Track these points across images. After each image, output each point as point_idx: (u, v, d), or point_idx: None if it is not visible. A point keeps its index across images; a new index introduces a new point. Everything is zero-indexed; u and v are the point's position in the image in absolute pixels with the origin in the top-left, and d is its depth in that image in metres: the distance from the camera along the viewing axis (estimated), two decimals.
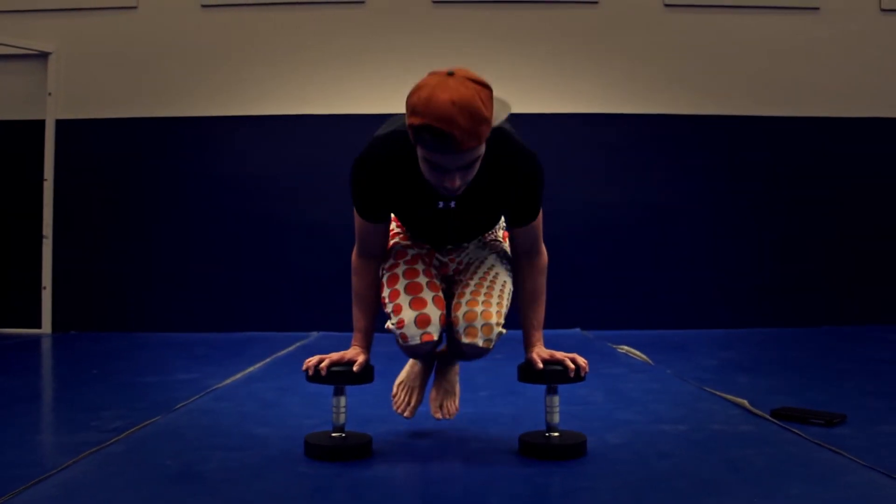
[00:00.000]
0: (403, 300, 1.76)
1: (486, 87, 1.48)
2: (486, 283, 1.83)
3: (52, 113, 4.75)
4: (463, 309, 1.77)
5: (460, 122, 1.41)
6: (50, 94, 4.74)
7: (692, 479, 1.61)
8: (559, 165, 4.79)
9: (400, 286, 1.78)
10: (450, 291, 1.90)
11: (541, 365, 1.77)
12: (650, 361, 3.32)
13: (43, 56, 4.76)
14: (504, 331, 1.79)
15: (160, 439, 1.99)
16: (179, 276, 4.74)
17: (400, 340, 1.76)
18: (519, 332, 1.86)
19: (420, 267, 1.83)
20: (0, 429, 2.12)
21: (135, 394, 2.65)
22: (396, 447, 1.89)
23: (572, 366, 1.76)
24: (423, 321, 1.72)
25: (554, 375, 1.78)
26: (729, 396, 2.43)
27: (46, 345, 4.25)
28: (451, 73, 1.46)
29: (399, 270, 1.81)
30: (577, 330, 4.56)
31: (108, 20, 4.81)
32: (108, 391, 2.74)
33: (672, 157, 4.81)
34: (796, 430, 1.98)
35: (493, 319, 1.75)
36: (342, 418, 1.84)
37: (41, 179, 4.73)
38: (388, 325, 1.79)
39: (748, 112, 4.79)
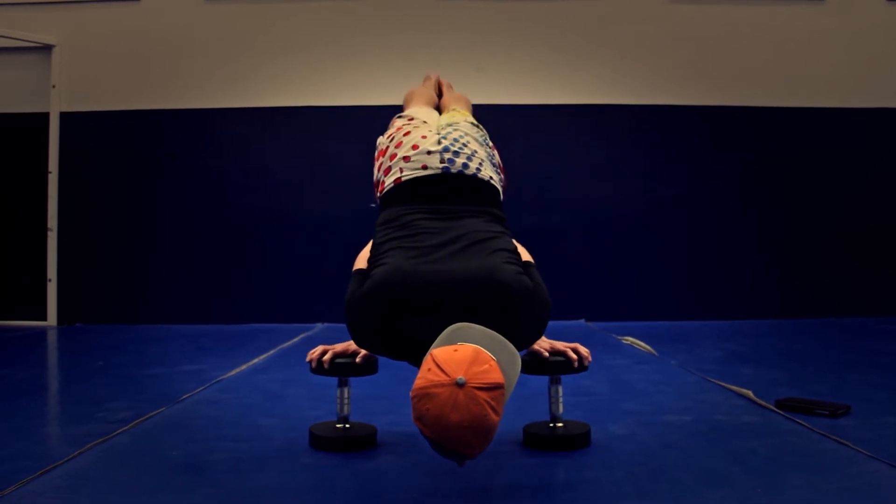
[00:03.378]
0: None
1: (497, 386, 1.34)
2: None
3: (56, 105, 4.75)
4: None
5: (472, 441, 1.34)
6: (54, 86, 4.74)
7: (696, 469, 1.61)
8: (562, 157, 4.79)
9: None
10: None
11: (546, 354, 1.77)
12: (654, 352, 3.32)
13: (47, 49, 4.75)
14: None
15: (165, 430, 1.99)
16: (184, 268, 4.74)
17: None
18: None
19: None
20: (7, 420, 2.13)
21: (140, 385, 2.66)
22: (401, 438, 1.89)
23: (574, 356, 1.77)
24: None
25: (557, 367, 1.78)
26: (733, 387, 2.43)
27: (52, 337, 4.27)
28: (461, 385, 1.31)
29: None
30: (582, 321, 4.56)
31: (112, 12, 4.80)
32: (114, 383, 2.75)
33: (676, 149, 4.79)
34: (801, 421, 1.98)
35: None
36: (346, 409, 1.84)
37: (45, 172, 4.73)
38: None
39: (753, 103, 4.77)
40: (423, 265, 1.57)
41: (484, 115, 4.86)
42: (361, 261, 1.72)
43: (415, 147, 1.89)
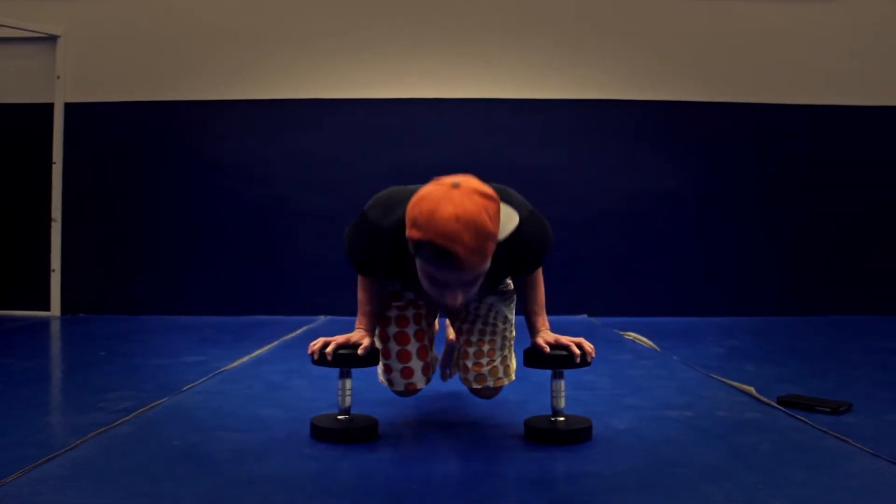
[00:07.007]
0: (392, 347, 1.87)
1: (493, 199, 1.35)
2: (489, 329, 1.90)
3: (60, 96, 4.75)
4: (471, 360, 1.88)
5: (465, 238, 1.31)
6: (59, 77, 4.74)
7: (697, 464, 1.61)
8: (567, 152, 4.78)
9: (390, 331, 1.87)
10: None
11: (548, 350, 1.77)
12: (657, 348, 3.32)
13: (52, 39, 4.75)
14: (513, 377, 1.97)
15: (167, 420, 2.00)
16: (187, 259, 4.75)
17: (388, 385, 1.92)
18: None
19: (410, 313, 1.88)
20: (9, 409, 2.14)
21: (142, 375, 2.66)
22: (402, 430, 1.90)
23: (578, 351, 1.77)
24: (407, 373, 1.87)
25: (560, 361, 1.78)
26: (735, 383, 2.43)
27: (55, 327, 4.28)
28: (456, 185, 1.32)
29: (391, 314, 1.88)
30: (584, 316, 4.55)
31: (117, 3, 4.79)
32: (116, 373, 2.76)
33: (681, 144, 4.78)
34: (802, 418, 1.98)
35: (501, 374, 1.91)
36: (348, 401, 1.84)
37: (50, 162, 4.74)
38: (380, 375, 1.95)
39: (761, 100, 4.75)
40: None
41: (489, 109, 4.87)
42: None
43: None
